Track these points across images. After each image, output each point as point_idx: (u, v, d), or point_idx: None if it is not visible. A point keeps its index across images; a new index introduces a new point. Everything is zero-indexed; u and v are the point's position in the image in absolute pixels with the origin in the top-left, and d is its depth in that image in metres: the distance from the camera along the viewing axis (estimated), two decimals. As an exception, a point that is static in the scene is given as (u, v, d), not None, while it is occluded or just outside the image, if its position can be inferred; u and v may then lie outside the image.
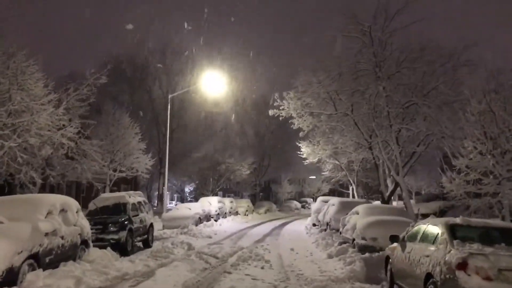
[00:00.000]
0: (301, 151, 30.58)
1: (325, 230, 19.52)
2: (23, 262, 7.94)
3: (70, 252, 10.02)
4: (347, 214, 18.36)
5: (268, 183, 70.11)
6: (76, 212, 10.93)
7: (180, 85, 40.29)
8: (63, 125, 15.29)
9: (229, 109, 48.93)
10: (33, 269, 8.31)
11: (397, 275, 8.43)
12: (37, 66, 14.40)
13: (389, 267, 9.04)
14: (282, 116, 21.25)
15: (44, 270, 8.52)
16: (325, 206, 21.18)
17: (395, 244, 8.88)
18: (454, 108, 15.98)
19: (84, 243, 10.94)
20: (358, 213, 13.78)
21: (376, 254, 11.20)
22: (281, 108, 21.07)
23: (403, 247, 8.21)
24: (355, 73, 17.58)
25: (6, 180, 16.21)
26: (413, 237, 8.11)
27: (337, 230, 17.69)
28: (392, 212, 13.78)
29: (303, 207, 57.69)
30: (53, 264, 9.08)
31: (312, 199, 64.71)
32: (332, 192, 70.65)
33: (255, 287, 8.74)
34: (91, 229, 13.17)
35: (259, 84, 51.76)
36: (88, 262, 10.47)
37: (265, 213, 44.82)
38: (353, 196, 34.75)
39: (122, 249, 13.71)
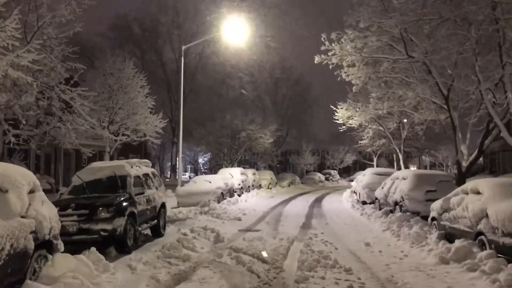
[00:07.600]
0: (336, 114, 25.77)
1: (392, 212, 14.79)
2: None
3: (15, 266, 5.29)
4: (426, 191, 13.77)
5: (285, 154, 66.33)
6: (30, 192, 6.12)
7: (193, 47, 35.21)
8: (13, 45, 9.76)
9: (244, 74, 44.50)
10: None
11: None
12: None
13: None
14: (332, 64, 16.27)
15: None
16: (387, 181, 16.28)
17: None
18: None
19: (45, 245, 6.16)
20: (478, 192, 8.94)
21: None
22: (330, 54, 16.08)
23: None
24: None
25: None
26: None
27: (415, 213, 13.06)
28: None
29: (327, 179, 52.83)
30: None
31: (335, 171, 60.17)
32: (354, 164, 66.47)
33: None
34: (71, 215, 8.71)
35: (278, 47, 46.10)
36: (49, 282, 5.77)
37: (289, 186, 41.08)
38: (399, 167, 29.74)
39: (120, 244, 9.11)
